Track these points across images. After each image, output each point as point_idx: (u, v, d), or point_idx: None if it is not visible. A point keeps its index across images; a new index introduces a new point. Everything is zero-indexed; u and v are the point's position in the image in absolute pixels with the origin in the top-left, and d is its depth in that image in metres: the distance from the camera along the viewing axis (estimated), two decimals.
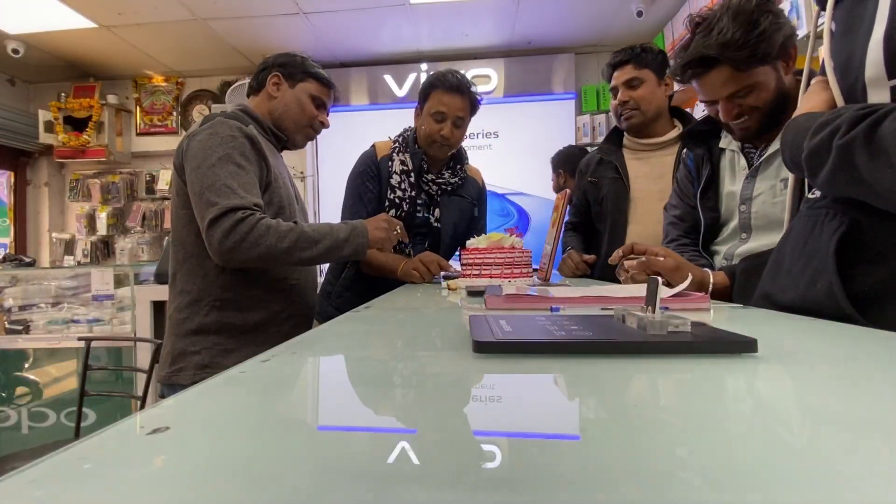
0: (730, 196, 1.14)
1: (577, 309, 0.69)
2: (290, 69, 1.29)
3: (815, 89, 0.75)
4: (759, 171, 1.08)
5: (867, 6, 0.62)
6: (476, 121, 1.62)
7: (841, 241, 0.63)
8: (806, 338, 0.49)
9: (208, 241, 1.04)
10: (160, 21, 3.21)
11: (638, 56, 1.49)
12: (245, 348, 1.13)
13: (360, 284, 1.58)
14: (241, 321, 1.13)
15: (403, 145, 1.55)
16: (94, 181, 4.12)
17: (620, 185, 1.54)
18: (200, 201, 1.05)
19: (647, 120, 1.52)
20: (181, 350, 1.12)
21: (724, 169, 1.17)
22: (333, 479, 0.18)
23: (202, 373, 1.09)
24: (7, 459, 1.73)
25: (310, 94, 1.30)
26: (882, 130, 0.54)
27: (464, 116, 1.49)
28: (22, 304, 2.46)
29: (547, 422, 0.26)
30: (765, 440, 0.23)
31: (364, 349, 0.48)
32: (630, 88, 1.50)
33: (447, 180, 1.56)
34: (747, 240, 1.10)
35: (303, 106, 1.29)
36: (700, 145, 1.21)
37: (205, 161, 1.06)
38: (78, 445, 0.22)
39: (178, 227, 1.15)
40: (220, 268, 1.11)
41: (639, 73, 1.49)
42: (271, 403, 0.29)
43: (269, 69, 1.29)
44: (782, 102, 1.01)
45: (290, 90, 1.29)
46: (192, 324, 1.12)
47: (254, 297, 1.15)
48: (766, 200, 1.06)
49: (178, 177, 1.14)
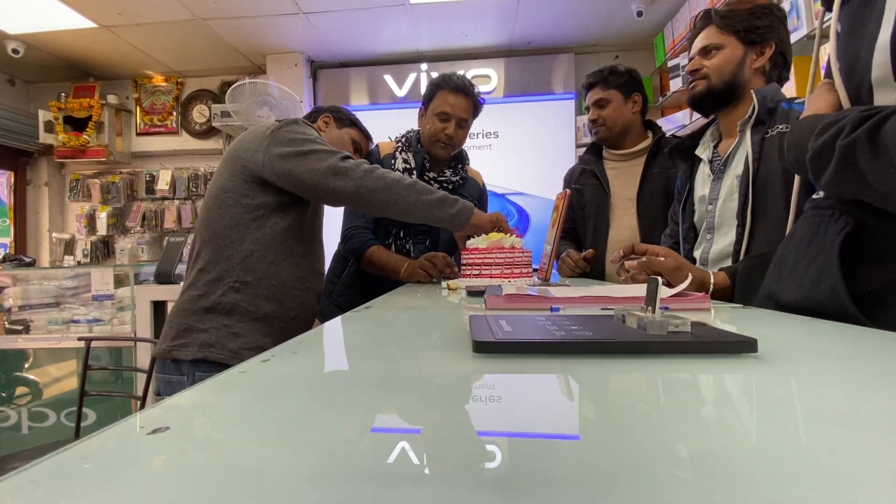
0: (700, 200, 1.22)
1: (577, 309, 0.69)
2: (340, 115, 1.48)
3: (820, 91, 0.75)
4: (723, 173, 1.16)
5: (874, 7, 0.62)
6: (476, 121, 1.68)
7: (845, 242, 0.63)
8: (807, 338, 0.49)
9: (339, 178, 1.14)
10: (160, 21, 3.21)
11: (605, 79, 1.67)
12: (251, 335, 1.15)
13: (361, 282, 1.58)
14: (254, 308, 1.16)
15: (406, 145, 1.60)
16: (94, 181, 4.12)
17: (601, 192, 1.69)
18: (315, 157, 1.15)
19: (613, 134, 1.68)
20: (188, 326, 1.13)
21: (697, 177, 1.25)
22: (333, 479, 0.18)
23: (206, 351, 1.11)
24: (7, 459, 1.73)
25: (351, 138, 1.46)
26: (885, 132, 0.55)
27: (467, 118, 1.55)
28: (22, 304, 2.46)
29: (547, 422, 0.26)
30: (765, 440, 0.23)
31: (364, 349, 0.48)
32: (598, 108, 1.68)
33: (448, 178, 1.60)
34: (711, 240, 1.16)
35: (344, 145, 1.43)
36: (685, 160, 1.30)
37: (306, 140, 1.18)
38: (78, 445, 0.22)
39: (213, 207, 1.19)
40: (246, 252, 1.16)
41: (605, 94, 1.67)
42: (271, 403, 0.29)
43: (321, 112, 1.47)
44: (734, 86, 1.14)
45: (337, 130, 1.45)
46: (206, 301, 1.14)
47: (271, 288, 1.18)
48: (725, 199, 1.13)
49: (242, 165, 1.19)
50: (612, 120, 1.66)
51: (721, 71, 1.14)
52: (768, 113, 1.08)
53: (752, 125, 1.09)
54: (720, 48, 1.15)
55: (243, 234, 1.16)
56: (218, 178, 1.22)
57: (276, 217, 1.19)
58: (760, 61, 1.14)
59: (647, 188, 1.60)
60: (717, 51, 1.15)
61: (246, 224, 1.17)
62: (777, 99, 1.10)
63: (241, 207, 1.17)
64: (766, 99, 1.08)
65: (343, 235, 1.62)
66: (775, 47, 1.14)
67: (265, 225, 1.18)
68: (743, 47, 1.14)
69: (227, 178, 1.20)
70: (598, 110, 1.68)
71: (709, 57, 1.16)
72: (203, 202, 1.25)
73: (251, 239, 1.16)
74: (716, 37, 1.15)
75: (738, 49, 1.14)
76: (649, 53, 3.67)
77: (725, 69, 1.14)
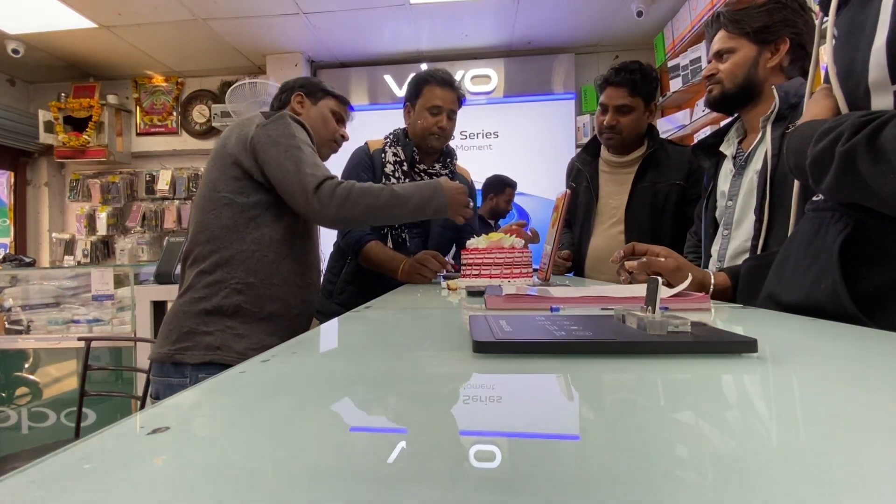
0: (721, 196, 1.21)
1: (577, 309, 0.69)
2: (310, 88, 1.39)
3: (818, 97, 0.75)
4: (744, 169, 1.15)
5: (869, 11, 0.62)
6: (476, 121, 1.70)
7: (845, 243, 0.63)
8: (806, 338, 0.49)
9: (315, 205, 1.14)
10: (160, 21, 3.21)
11: (636, 83, 1.54)
12: (255, 335, 1.15)
13: (361, 278, 1.59)
14: (258, 308, 1.16)
15: (395, 140, 1.65)
16: (94, 181, 4.12)
17: (590, 197, 1.66)
18: (297, 176, 1.14)
19: (625, 143, 1.61)
20: (190, 329, 1.12)
21: (721, 173, 1.24)
22: (333, 479, 0.18)
23: (213, 354, 1.11)
24: (7, 459, 1.73)
25: (331, 110, 1.40)
26: (883, 137, 0.55)
27: (455, 110, 1.60)
28: (22, 304, 2.46)
29: (547, 422, 0.26)
30: (765, 440, 0.23)
31: (364, 349, 0.48)
32: (619, 113, 1.57)
33: (438, 172, 1.64)
34: (729, 237, 1.16)
35: (326, 121, 1.39)
36: (710, 157, 1.29)
37: (291, 144, 1.16)
38: (78, 445, 0.22)
39: (206, 207, 1.18)
40: (247, 253, 1.15)
41: (632, 100, 1.55)
42: (271, 403, 0.29)
43: (291, 90, 1.38)
44: (749, 87, 1.13)
45: (314, 107, 1.38)
46: (208, 304, 1.13)
47: (274, 287, 1.18)
48: (745, 195, 1.13)
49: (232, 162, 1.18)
50: (629, 130, 1.58)
51: (733, 75, 1.13)
52: (791, 108, 1.06)
53: (774, 121, 1.07)
54: (732, 52, 1.14)
55: (242, 235, 1.16)
56: (208, 177, 1.21)
57: (271, 215, 1.19)
58: (775, 59, 1.12)
59: (635, 201, 1.57)
60: (729, 54, 1.14)
61: (244, 224, 1.16)
62: (800, 94, 1.06)
63: (236, 207, 1.16)
64: (789, 95, 1.06)
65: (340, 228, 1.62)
66: (790, 42, 1.11)
67: (262, 224, 1.18)
68: (756, 48, 1.12)
69: (219, 177, 1.18)
70: (618, 115, 1.57)
71: (722, 61, 1.15)
72: (194, 202, 1.23)
73: (250, 239, 1.16)
74: (727, 40, 1.14)
75: (750, 50, 1.12)
76: (649, 53, 3.67)
77: (738, 72, 1.13)
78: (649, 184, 1.57)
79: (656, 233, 1.53)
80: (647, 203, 1.55)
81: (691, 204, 1.48)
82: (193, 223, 1.21)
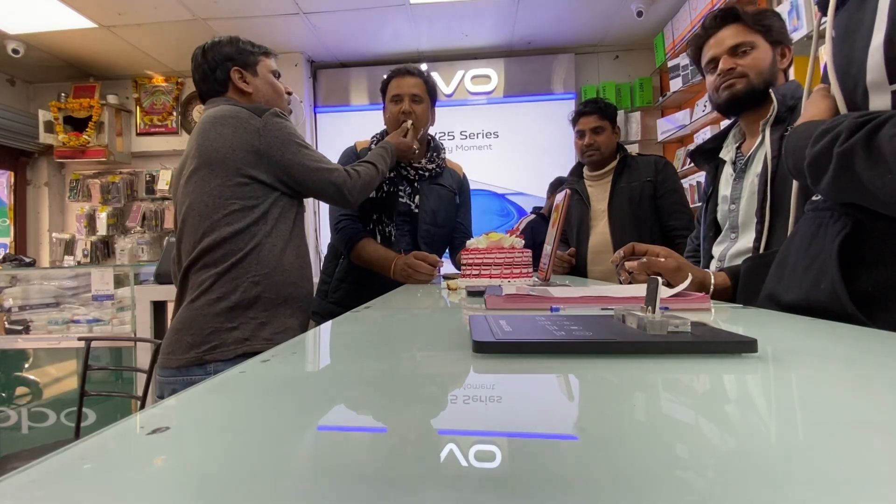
0: (723, 200, 1.22)
1: (577, 309, 0.69)
2: (241, 59, 1.30)
3: (816, 97, 0.75)
4: (745, 173, 1.16)
5: (867, 10, 0.62)
6: (476, 121, 1.71)
7: (844, 243, 0.64)
8: (806, 338, 0.49)
9: (349, 197, 1.31)
10: (160, 21, 3.21)
11: (602, 109, 1.93)
12: (277, 319, 1.20)
13: (355, 273, 1.60)
14: (275, 294, 1.20)
15: (380, 138, 1.70)
16: (94, 181, 4.12)
17: (583, 204, 1.98)
18: (319, 174, 1.26)
19: (603, 157, 1.96)
20: (214, 329, 1.13)
21: (721, 178, 1.25)
22: (333, 479, 0.18)
23: (243, 346, 1.14)
24: (7, 459, 1.73)
25: (271, 72, 1.37)
26: (881, 137, 0.55)
27: (419, 93, 1.62)
28: (22, 304, 2.46)
29: (546, 422, 0.26)
30: (765, 440, 0.23)
31: (364, 349, 0.48)
32: (595, 134, 1.93)
33: (424, 166, 1.65)
34: (736, 239, 1.16)
35: (275, 87, 1.38)
36: (708, 162, 1.31)
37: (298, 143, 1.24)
38: (78, 445, 0.22)
39: (214, 216, 1.17)
40: (260, 248, 1.19)
41: (602, 122, 1.93)
42: (271, 403, 0.29)
43: (222, 65, 1.28)
44: (769, 85, 1.12)
45: (256, 78, 1.33)
46: (229, 301, 1.15)
47: (284, 273, 1.23)
48: (747, 198, 1.13)
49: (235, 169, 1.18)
50: (605, 145, 1.93)
51: (760, 69, 1.12)
52: (789, 111, 1.07)
53: (772, 124, 1.08)
54: (754, 47, 1.12)
55: (254, 233, 1.20)
56: (206, 184, 1.17)
57: (279, 209, 1.24)
58: (785, 63, 1.14)
59: (615, 200, 1.89)
60: (751, 49, 1.12)
61: (255, 223, 1.20)
62: (797, 96, 1.08)
63: (247, 211, 1.19)
64: (786, 97, 1.07)
65: (333, 226, 1.62)
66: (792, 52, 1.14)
67: (271, 220, 1.22)
68: (770, 48, 1.13)
69: (222, 185, 1.17)
70: (594, 135, 1.92)
71: (739, 56, 1.13)
72: (189, 208, 1.19)
73: (262, 234, 1.20)
74: (746, 35, 1.13)
75: (767, 49, 1.12)
76: (649, 53, 3.67)
77: (763, 67, 1.12)
78: (625, 184, 1.89)
79: (637, 224, 1.83)
80: (626, 198, 1.87)
81: (664, 196, 1.85)
82: (195, 230, 1.18)
